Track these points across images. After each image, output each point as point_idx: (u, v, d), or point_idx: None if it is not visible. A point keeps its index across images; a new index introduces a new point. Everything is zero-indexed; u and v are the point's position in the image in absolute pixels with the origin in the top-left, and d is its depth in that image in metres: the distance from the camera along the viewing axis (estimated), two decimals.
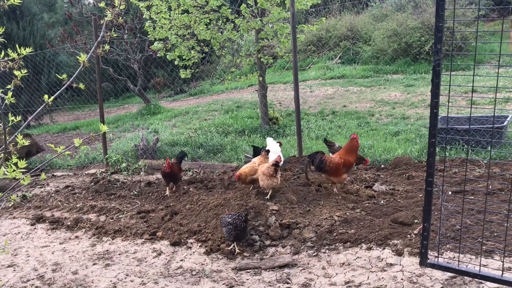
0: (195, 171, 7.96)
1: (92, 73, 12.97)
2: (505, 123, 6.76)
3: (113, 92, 17.57)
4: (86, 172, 9.04)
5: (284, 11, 8.69)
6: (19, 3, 2.40)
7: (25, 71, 2.77)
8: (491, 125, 6.66)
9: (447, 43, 11.04)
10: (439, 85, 3.28)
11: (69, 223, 6.31)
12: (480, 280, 3.46)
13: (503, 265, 3.54)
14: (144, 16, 9.44)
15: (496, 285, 3.54)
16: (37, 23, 17.54)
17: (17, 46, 2.72)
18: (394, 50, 15.37)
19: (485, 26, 16.81)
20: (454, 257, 4.03)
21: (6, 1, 2.35)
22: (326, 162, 5.67)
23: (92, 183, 7.90)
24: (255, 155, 6.90)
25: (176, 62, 9.37)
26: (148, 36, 9.46)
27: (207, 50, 9.73)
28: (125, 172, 8.39)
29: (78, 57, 2.84)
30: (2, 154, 2.34)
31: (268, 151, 6.27)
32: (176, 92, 17.96)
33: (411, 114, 9.63)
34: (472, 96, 3.63)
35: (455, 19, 3.24)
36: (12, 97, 2.55)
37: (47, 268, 5.07)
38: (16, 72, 2.63)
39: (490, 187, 5.41)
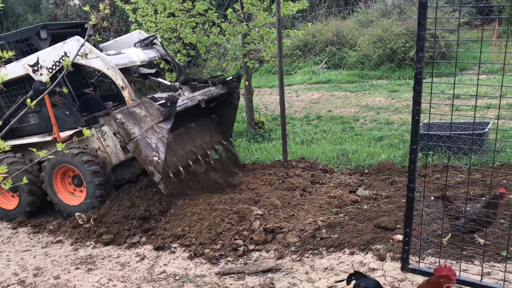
0: None
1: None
2: (486, 130, 6.87)
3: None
4: None
5: (270, 16, 8.72)
6: (1, 7, 2.38)
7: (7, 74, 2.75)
8: (472, 132, 6.76)
9: (430, 50, 11.19)
10: (420, 92, 3.34)
11: (51, 227, 6.24)
12: (461, 285, 3.52)
13: (482, 270, 3.61)
14: (130, 19, 9.39)
15: None
16: (22, 24, 17.32)
17: None
18: (379, 56, 15.51)
19: (468, 34, 17.07)
20: (435, 262, 4.09)
21: None
22: None
23: None
24: None
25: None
26: None
27: (193, 53, 9.71)
28: None
29: (62, 60, 2.82)
30: None
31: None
32: None
33: (395, 119, 9.73)
34: (453, 103, 3.69)
35: (438, 26, 3.30)
36: None
37: (28, 273, 5.01)
38: None
39: (471, 192, 5.50)
